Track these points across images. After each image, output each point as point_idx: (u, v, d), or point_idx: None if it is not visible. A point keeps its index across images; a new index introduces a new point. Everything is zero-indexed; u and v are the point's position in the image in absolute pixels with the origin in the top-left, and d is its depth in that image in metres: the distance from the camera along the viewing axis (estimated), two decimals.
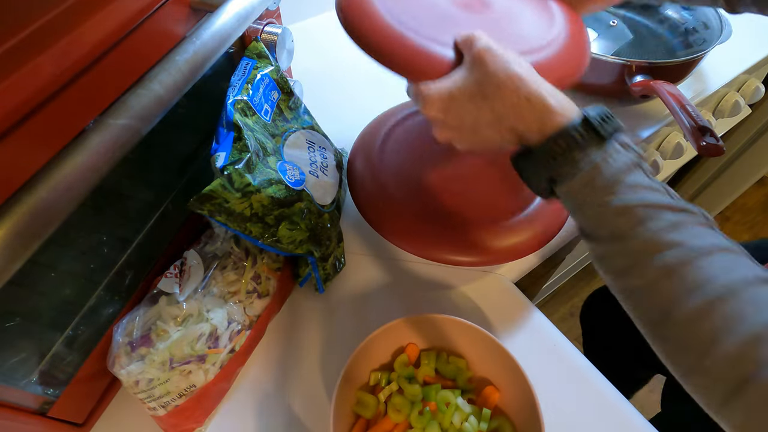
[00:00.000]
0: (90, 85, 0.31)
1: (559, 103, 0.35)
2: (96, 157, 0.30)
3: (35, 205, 0.27)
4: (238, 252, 0.50)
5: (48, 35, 0.28)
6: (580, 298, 1.54)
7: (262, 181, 0.43)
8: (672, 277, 0.30)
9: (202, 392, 0.46)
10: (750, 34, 0.86)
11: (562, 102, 0.35)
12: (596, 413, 0.50)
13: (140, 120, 0.32)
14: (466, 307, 0.57)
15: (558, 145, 0.34)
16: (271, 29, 0.49)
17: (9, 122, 0.27)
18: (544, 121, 0.34)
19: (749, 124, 1.19)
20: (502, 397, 0.47)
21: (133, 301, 0.48)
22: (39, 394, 0.41)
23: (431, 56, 0.41)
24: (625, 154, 0.33)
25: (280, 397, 0.51)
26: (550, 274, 1.11)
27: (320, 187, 0.52)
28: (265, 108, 0.48)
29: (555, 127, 0.34)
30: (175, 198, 0.53)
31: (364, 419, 0.46)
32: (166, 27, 0.37)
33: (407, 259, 0.61)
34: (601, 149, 0.33)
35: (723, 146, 0.56)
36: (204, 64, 0.37)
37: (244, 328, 0.49)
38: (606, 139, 0.33)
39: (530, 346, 0.54)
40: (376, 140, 0.58)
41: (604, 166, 0.33)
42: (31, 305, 0.43)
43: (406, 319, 0.48)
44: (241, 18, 0.40)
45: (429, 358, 0.49)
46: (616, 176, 0.32)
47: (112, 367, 0.44)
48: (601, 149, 0.33)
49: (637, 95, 0.70)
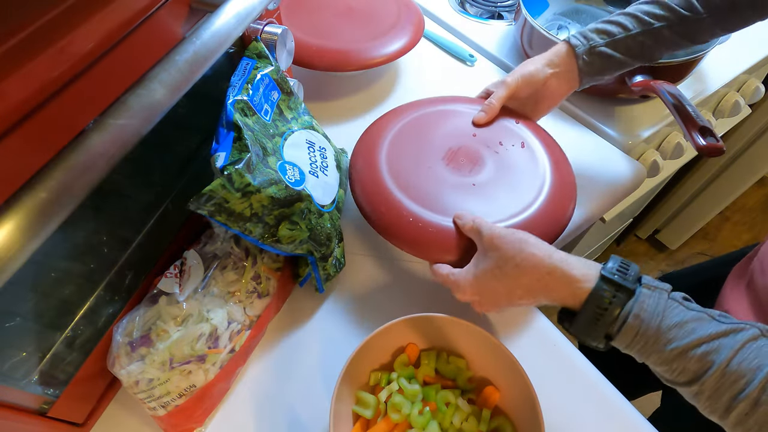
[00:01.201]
0: (90, 85, 0.31)
1: (579, 270, 0.38)
2: (96, 157, 0.30)
3: (35, 205, 0.27)
4: (238, 252, 0.50)
5: (48, 35, 0.28)
6: None
7: (262, 181, 0.43)
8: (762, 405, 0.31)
9: (202, 392, 0.46)
10: (750, 34, 0.86)
11: (580, 267, 0.39)
12: (596, 413, 0.50)
13: (140, 120, 0.32)
14: (466, 307, 0.57)
15: (596, 308, 0.37)
16: (271, 29, 0.49)
17: (9, 122, 0.27)
18: (574, 290, 0.38)
19: (749, 124, 1.19)
20: (502, 397, 0.47)
21: (133, 301, 0.48)
22: (39, 394, 0.41)
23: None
24: (657, 295, 0.36)
25: (280, 397, 0.51)
26: None
27: (320, 187, 0.51)
28: (265, 108, 0.48)
29: (585, 293, 0.37)
30: (175, 198, 0.53)
31: (364, 419, 0.46)
32: (166, 27, 0.37)
33: (407, 259, 0.61)
34: (633, 300, 0.36)
35: (723, 146, 0.56)
36: (204, 64, 0.37)
37: (244, 328, 0.49)
38: (632, 288, 0.36)
39: (530, 346, 0.54)
40: (377, 140, 0.59)
41: (644, 315, 0.35)
42: (31, 305, 0.43)
43: (406, 319, 0.48)
44: (240, 18, 0.40)
45: (429, 358, 0.49)
46: (662, 322, 0.34)
47: (112, 367, 0.44)
48: (633, 300, 0.36)
49: (637, 95, 0.70)
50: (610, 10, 0.83)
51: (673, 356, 0.34)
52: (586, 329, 0.38)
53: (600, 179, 0.68)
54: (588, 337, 0.39)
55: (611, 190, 0.68)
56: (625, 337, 0.36)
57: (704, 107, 0.89)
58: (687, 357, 0.33)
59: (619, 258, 0.38)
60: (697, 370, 0.33)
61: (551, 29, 0.81)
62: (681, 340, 0.34)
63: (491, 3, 0.96)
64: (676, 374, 0.34)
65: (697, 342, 0.33)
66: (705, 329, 0.34)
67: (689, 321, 0.34)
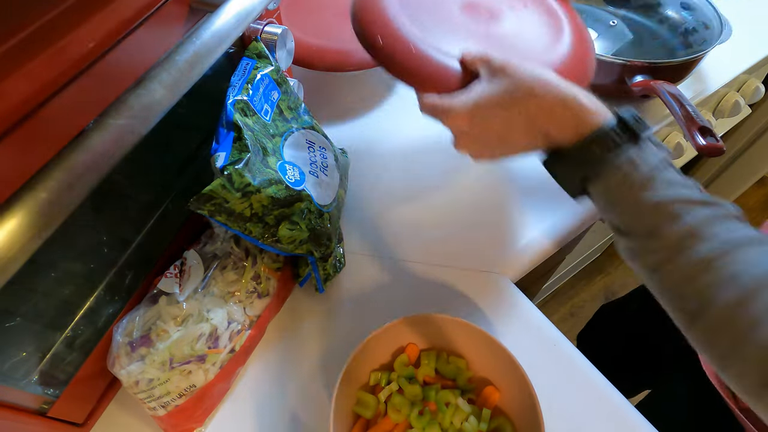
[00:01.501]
0: (90, 85, 0.31)
1: (593, 104, 0.36)
2: (96, 157, 0.30)
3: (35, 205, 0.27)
4: (238, 252, 0.50)
5: (48, 35, 0.28)
6: (580, 298, 1.54)
7: (262, 181, 0.43)
8: (709, 270, 0.31)
9: (202, 392, 0.46)
10: (750, 34, 0.86)
11: (596, 102, 0.36)
12: (596, 413, 0.50)
13: (140, 120, 0.32)
14: (466, 307, 0.57)
15: (596, 145, 0.34)
16: (271, 29, 0.49)
17: (9, 121, 0.27)
18: (581, 121, 0.35)
19: (749, 124, 1.19)
20: (502, 397, 0.47)
21: (133, 301, 0.48)
22: (39, 394, 0.41)
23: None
24: (659, 152, 0.34)
25: (280, 397, 0.51)
26: (550, 274, 1.11)
27: (320, 187, 0.51)
28: (265, 108, 0.48)
29: (592, 127, 0.35)
30: (175, 198, 0.53)
31: (364, 419, 0.46)
32: (166, 27, 0.37)
33: (407, 259, 0.61)
34: (637, 147, 0.34)
35: (723, 146, 0.56)
36: (204, 64, 0.37)
37: (244, 328, 0.49)
38: (641, 138, 0.34)
39: (530, 347, 0.54)
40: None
41: (640, 163, 0.33)
42: (31, 305, 0.43)
43: (406, 319, 0.48)
44: (240, 18, 0.40)
45: (429, 358, 0.49)
46: (652, 173, 0.33)
47: (112, 367, 0.44)
48: (637, 147, 0.34)
49: (637, 95, 0.69)
50: (610, 10, 0.83)
51: (647, 207, 0.33)
52: (571, 165, 0.37)
53: None
54: (568, 175, 0.37)
55: None
56: (608, 182, 0.35)
57: (704, 107, 0.89)
58: (659, 209, 0.33)
59: (635, 110, 0.36)
60: (661, 224, 0.33)
61: None
62: (661, 192, 0.33)
63: None
64: (636, 223, 0.34)
65: (677, 199, 0.33)
66: (689, 194, 0.33)
67: (677, 183, 0.34)
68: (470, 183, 0.68)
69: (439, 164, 0.70)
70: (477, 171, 0.69)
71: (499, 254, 0.61)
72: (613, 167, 0.34)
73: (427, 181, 0.68)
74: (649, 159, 0.34)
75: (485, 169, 0.69)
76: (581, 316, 1.50)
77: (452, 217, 0.65)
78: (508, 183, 0.68)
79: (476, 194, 0.67)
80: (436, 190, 0.67)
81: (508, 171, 0.69)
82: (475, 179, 0.68)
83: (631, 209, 0.34)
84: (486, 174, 0.69)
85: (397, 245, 0.62)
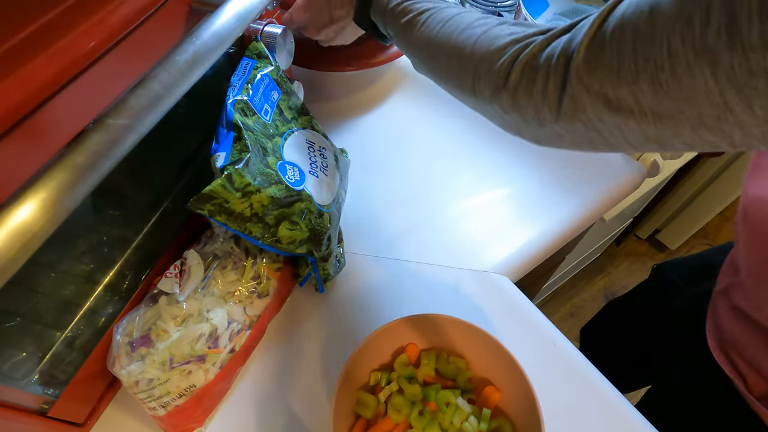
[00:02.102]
0: (90, 85, 0.31)
1: None
2: (96, 157, 0.30)
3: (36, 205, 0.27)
4: (238, 252, 0.50)
5: (48, 35, 0.28)
6: (580, 298, 1.54)
7: (262, 181, 0.43)
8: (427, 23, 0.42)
9: (202, 392, 0.46)
10: None
11: None
12: (596, 413, 0.50)
13: (140, 120, 0.32)
14: (466, 307, 0.57)
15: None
16: (270, 29, 0.49)
17: (9, 122, 0.27)
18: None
19: None
20: (502, 397, 0.47)
21: (133, 301, 0.48)
22: (39, 394, 0.41)
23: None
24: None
25: (280, 397, 0.51)
26: (550, 274, 1.11)
27: (320, 187, 0.51)
28: (265, 108, 0.48)
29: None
30: (175, 198, 0.53)
31: (364, 419, 0.46)
32: (166, 27, 0.37)
33: (407, 258, 0.61)
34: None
35: None
36: (204, 64, 0.37)
37: (244, 328, 0.49)
38: None
39: (530, 346, 0.54)
40: None
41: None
42: (31, 305, 0.43)
43: (406, 319, 0.48)
44: (240, 18, 0.40)
45: (429, 358, 0.49)
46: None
47: (112, 367, 0.44)
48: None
49: None
50: None
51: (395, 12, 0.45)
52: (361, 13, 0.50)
53: (600, 179, 0.68)
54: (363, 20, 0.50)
55: (611, 189, 0.68)
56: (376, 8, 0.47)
57: None
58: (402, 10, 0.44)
59: None
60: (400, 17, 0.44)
61: None
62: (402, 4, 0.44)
63: (491, 3, 0.96)
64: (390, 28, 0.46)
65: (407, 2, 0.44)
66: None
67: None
68: (470, 183, 0.68)
69: (439, 164, 0.70)
70: (477, 172, 0.69)
71: (499, 254, 0.61)
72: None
73: (427, 181, 0.68)
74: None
75: (485, 170, 0.69)
76: (581, 316, 1.50)
77: (452, 217, 0.65)
78: (508, 183, 0.68)
79: (476, 194, 0.67)
80: (436, 191, 0.67)
81: (508, 172, 0.69)
82: (475, 180, 0.68)
83: (388, 19, 0.46)
84: (486, 174, 0.69)
85: (397, 245, 0.62)
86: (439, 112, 0.76)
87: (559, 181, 0.68)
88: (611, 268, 1.60)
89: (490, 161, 0.70)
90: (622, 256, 1.63)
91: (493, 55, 0.35)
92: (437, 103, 0.77)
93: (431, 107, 0.77)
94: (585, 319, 1.01)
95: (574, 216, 0.65)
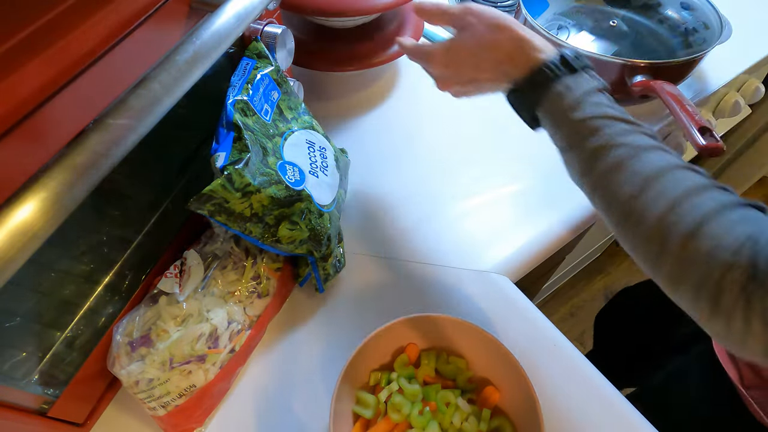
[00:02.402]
0: (90, 85, 0.31)
1: (541, 43, 0.43)
2: (96, 157, 0.30)
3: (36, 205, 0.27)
4: (238, 252, 0.50)
5: (48, 35, 0.28)
6: (580, 298, 1.54)
7: (262, 181, 0.43)
8: (621, 168, 0.37)
9: (202, 392, 0.46)
10: (750, 34, 0.86)
11: (544, 43, 0.43)
12: (596, 413, 0.50)
13: (140, 120, 0.32)
14: (466, 307, 0.57)
15: (539, 76, 0.41)
16: (271, 29, 0.49)
17: (9, 122, 0.27)
18: (530, 59, 0.42)
19: (749, 124, 1.19)
20: (502, 397, 0.47)
21: (133, 301, 0.48)
22: (39, 394, 0.41)
23: None
24: (592, 81, 0.41)
25: (280, 397, 0.51)
26: (550, 274, 1.11)
27: (320, 187, 0.51)
28: (265, 108, 0.48)
29: (538, 63, 0.42)
30: (175, 198, 0.53)
31: (364, 419, 0.46)
32: (166, 27, 0.37)
33: (407, 258, 0.61)
34: (573, 76, 0.41)
35: (723, 146, 0.56)
36: (204, 64, 0.37)
37: (244, 328, 0.49)
38: (577, 69, 0.41)
39: (530, 346, 0.54)
40: None
41: (574, 87, 0.40)
42: (31, 305, 0.43)
43: (406, 319, 0.48)
44: (240, 18, 0.40)
45: (429, 358, 0.49)
46: (583, 96, 0.40)
47: (112, 367, 0.44)
48: (573, 76, 0.41)
49: (637, 95, 0.69)
50: (611, 10, 0.83)
51: (576, 123, 0.39)
52: (522, 96, 0.43)
53: None
54: (522, 105, 0.44)
55: None
56: (548, 105, 0.41)
57: (704, 107, 0.89)
58: (585, 124, 0.39)
59: (579, 50, 0.43)
60: (586, 135, 0.39)
61: (551, 29, 0.81)
62: (588, 111, 0.39)
63: (491, 3, 0.96)
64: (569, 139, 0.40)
65: (600, 116, 0.38)
66: (612, 112, 0.39)
67: (604, 105, 0.39)
68: (470, 183, 0.68)
69: (439, 164, 0.70)
70: (477, 172, 0.69)
71: (499, 254, 0.61)
72: (553, 92, 0.41)
73: (427, 181, 0.68)
74: (582, 85, 0.40)
75: (485, 170, 0.69)
76: (581, 316, 1.49)
77: (452, 217, 0.65)
78: (508, 183, 0.68)
79: (476, 194, 0.67)
80: (436, 190, 0.67)
81: (509, 171, 0.69)
82: (475, 179, 0.68)
83: (566, 127, 0.40)
84: (486, 174, 0.69)
85: (396, 245, 0.62)
86: (439, 112, 0.76)
87: (560, 181, 0.68)
88: (611, 268, 1.60)
89: (490, 161, 0.71)
90: (622, 256, 1.63)
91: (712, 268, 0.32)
92: (437, 103, 0.77)
93: (431, 107, 0.77)
94: (585, 319, 1.01)
95: (574, 216, 0.65)
